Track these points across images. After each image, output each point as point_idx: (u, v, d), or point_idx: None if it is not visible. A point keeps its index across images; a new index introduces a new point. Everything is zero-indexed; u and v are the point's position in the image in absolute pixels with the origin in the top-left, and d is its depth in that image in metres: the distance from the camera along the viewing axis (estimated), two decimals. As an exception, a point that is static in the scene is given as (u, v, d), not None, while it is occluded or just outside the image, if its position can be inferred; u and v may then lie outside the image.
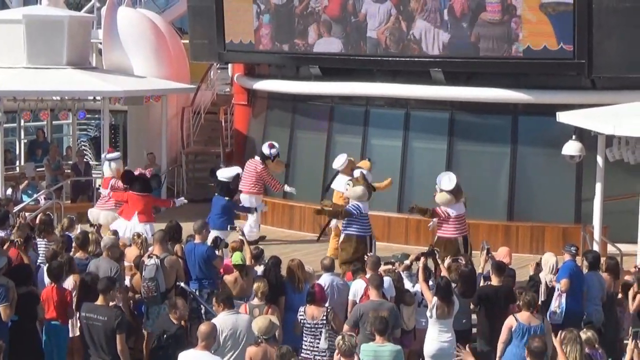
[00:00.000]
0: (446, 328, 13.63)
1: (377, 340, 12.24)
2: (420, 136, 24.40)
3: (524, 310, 13.14)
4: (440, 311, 13.56)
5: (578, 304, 14.76)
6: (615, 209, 20.58)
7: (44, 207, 23.19)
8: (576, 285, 14.86)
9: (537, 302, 13.52)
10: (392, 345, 12.35)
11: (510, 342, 13.08)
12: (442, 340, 13.59)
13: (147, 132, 29.07)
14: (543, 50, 21.82)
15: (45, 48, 26.41)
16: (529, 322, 13.05)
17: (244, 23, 26.39)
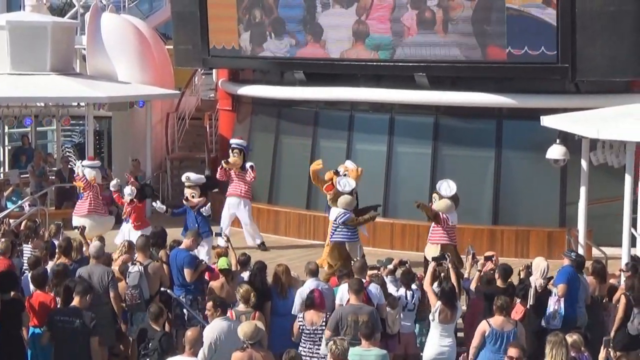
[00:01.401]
0: (447, 333, 13.65)
1: (363, 344, 12.24)
2: (405, 141, 24.42)
3: (497, 315, 13.13)
4: (443, 315, 13.57)
5: (574, 310, 14.76)
6: (599, 212, 20.65)
7: (29, 214, 23.13)
8: (573, 291, 14.85)
9: (510, 307, 13.49)
10: (378, 349, 12.35)
11: (483, 347, 13.07)
12: (442, 344, 13.61)
13: (131, 138, 29.01)
14: (528, 54, 21.87)
15: (29, 54, 26.36)
16: (502, 327, 13.03)
17: (228, 28, 26.38)
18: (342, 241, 19.08)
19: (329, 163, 22.35)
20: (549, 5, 21.24)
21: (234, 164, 22.78)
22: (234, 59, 27.08)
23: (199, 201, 20.22)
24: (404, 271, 15.28)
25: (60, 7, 41.35)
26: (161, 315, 12.71)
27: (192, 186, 20.42)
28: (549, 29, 21.40)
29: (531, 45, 21.73)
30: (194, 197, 20.25)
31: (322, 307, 13.66)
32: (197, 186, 20.42)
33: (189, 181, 20.54)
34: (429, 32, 22.97)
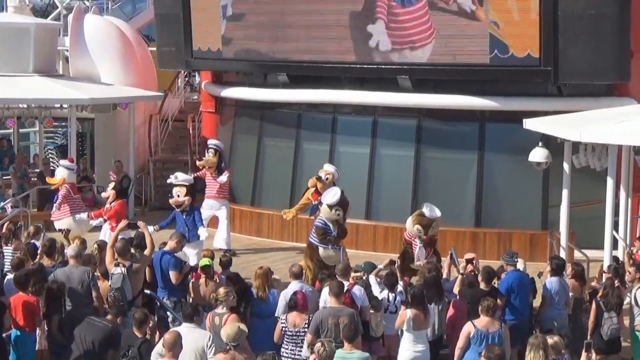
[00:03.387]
0: (421, 339, 13.65)
1: (346, 347, 12.26)
2: (388, 143, 24.46)
3: (483, 316, 13.16)
4: (417, 322, 13.56)
5: (522, 314, 14.82)
6: (581, 215, 20.72)
7: (11, 216, 23.06)
8: (521, 295, 14.93)
9: (496, 307, 13.54)
10: (361, 352, 12.37)
11: (467, 349, 13.10)
12: (416, 350, 13.61)
13: (114, 140, 28.99)
14: (510, 57, 21.95)
15: (12, 55, 26.33)
16: (487, 328, 13.07)
17: (212, 31, 26.38)
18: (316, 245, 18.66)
19: (312, 166, 22.46)
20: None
21: (206, 162, 22.82)
22: (217, 61, 27.07)
23: (184, 200, 20.08)
24: (387, 273, 15.32)
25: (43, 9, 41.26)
26: (145, 321, 12.69)
27: (179, 185, 20.23)
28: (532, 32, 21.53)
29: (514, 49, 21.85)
30: (179, 196, 20.07)
31: (305, 309, 13.69)
32: (183, 186, 20.26)
33: (177, 180, 20.38)
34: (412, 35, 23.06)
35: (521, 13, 21.63)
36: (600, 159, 19.82)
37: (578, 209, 20.49)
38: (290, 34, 24.83)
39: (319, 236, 18.25)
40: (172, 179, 20.57)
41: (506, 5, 21.74)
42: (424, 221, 17.82)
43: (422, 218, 17.88)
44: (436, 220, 17.95)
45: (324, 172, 20.86)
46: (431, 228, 17.82)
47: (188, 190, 20.20)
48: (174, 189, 20.21)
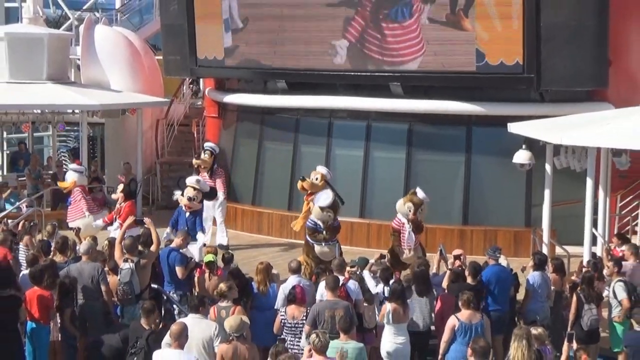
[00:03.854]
0: (401, 331, 13.66)
1: (342, 337, 12.27)
2: (381, 146, 24.45)
3: (464, 309, 13.17)
4: (396, 315, 13.58)
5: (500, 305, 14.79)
6: (562, 213, 20.73)
7: (25, 214, 23.06)
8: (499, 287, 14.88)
9: (476, 300, 13.53)
10: (355, 342, 12.39)
11: (453, 341, 13.11)
12: (397, 342, 13.63)
13: (123, 143, 29.00)
14: (495, 65, 21.96)
15: (26, 64, 26.31)
16: (470, 320, 13.09)
17: (214, 41, 26.38)
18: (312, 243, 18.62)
19: (310, 167, 22.41)
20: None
21: (202, 162, 22.87)
22: (219, 69, 27.08)
23: (198, 205, 19.88)
24: (382, 268, 15.32)
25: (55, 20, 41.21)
26: (153, 311, 12.70)
27: (197, 189, 20.05)
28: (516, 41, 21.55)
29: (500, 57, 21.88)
30: (194, 200, 19.80)
31: (303, 302, 13.71)
32: (200, 192, 20.08)
33: (198, 184, 20.22)
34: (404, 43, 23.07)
35: (505, 23, 21.65)
36: (580, 160, 19.85)
37: (559, 207, 20.51)
38: (289, 44, 24.82)
39: (310, 235, 18.34)
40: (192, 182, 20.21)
41: (490, 17, 21.78)
42: (415, 199, 18.24)
43: (414, 197, 18.34)
44: (424, 204, 18.30)
45: (315, 173, 20.94)
46: (420, 210, 18.13)
47: (203, 197, 20.14)
48: (190, 191, 19.75)
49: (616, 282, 14.88)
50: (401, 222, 18.38)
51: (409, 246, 18.18)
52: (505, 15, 21.60)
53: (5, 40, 26.32)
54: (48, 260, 14.88)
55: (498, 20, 21.72)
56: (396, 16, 23.00)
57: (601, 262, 16.31)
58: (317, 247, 18.33)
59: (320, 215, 18.30)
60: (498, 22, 21.73)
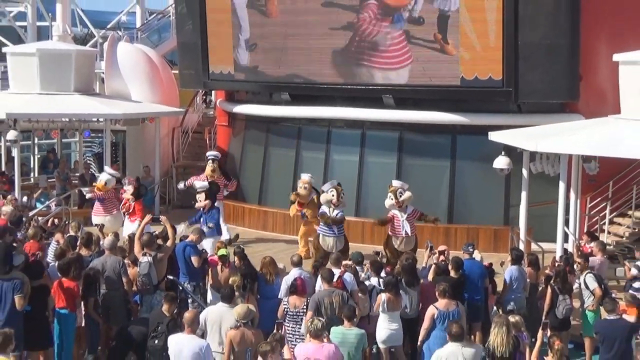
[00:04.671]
0: (394, 318, 13.64)
1: (346, 324, 12.27)
2: (374, 152, 24.46)
3: (441, 298, 13.14)
4: (391, 304, 13.58)
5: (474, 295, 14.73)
6: (537, 213, 20.70)
7: (54, 213, 23.06)
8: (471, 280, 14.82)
9: (451, 290, 13.51)
10: (358, 329, 12.40)
11: (433, 329, 13.09)
12: (391, 328, 13.62)
13: (143, 149, 29.00)
14: (477, 80, 21.96)
15: (56, 77, 26.29)
16: (447, 308, 13.07)
17: (225, 57, 26.41)
18: (318, 233, 19.65)
19: (310, 171, 22.52)
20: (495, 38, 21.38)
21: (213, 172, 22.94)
22: (229, 82, 27.11)
23: (205, 203, 20.23)
24: (372, 261, 15.31)
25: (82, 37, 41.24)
26: (174, 301, 12.73)
27: (200, 192, 20.55)
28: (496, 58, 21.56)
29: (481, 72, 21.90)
30: (200, 200, 20.30)
31: (303, 292, 13.69)
32: (203, 192, 20.47)
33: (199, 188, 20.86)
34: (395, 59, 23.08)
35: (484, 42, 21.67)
36: (554, 166, 19.83)
37: (535, 208, 20.48)
38: (292, 60, 24.85)
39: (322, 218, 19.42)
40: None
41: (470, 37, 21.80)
42: (392, 189, 19.08)
43: (390, 187, 19.19)
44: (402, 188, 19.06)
45: (301, 182, 21.54)
46: (399, 193, 18.88)
47: (206, 194, 20.39)
48: (197, 195, 20.52)
49: (587, 274, 14.88)
50: (392, 214, 18.93)
51: (399, 234, 18.69)
52: (484, 34, 21.63)
53: (37, 56, 26.33)
54: (75, 254, 14.87)
55: (477, 40, 21.74)
56: (389, 37, 23.03)
57: (572, 258, 16.29)
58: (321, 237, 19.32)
59: (326, 197, 19.36)
60: (477, 42, 21.76)
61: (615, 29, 21.59)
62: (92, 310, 14.06)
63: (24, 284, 12.93)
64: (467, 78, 22.06)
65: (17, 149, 25.39)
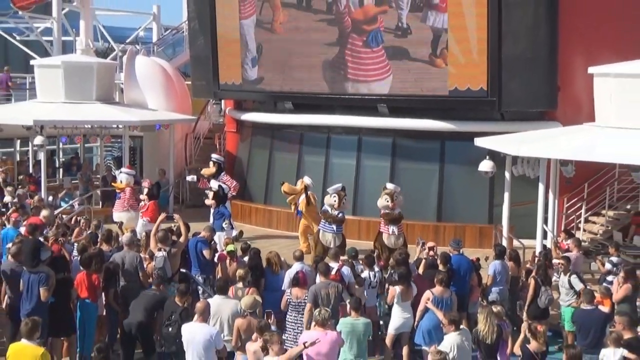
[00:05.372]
0: (407, 308, 13.61)
1: (353, 315, 12.25)
2: (370, 157, 24.45)
3: (438, 285, 13.19)
4: (405, 295, 13.56)
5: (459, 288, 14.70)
6: (519, 212, 20.70)
7: (78, 211, 23.05)
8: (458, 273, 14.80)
9: (449, 280, 13.53)
10: (364, 319, 12.40)
11: (427, 311, 13.12)
12: (403, 317, 13.58)
13: (158, 153, 28.97)
14: (465, 90, 21.97)
15: (79, 87, 26.29)
16: (442, 295, 13.13)
17: (234, 69, 26.43)
18: (319, 229, 19.72)
19: (311, 174, 22.57)
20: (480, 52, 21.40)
21: (207, 172, 22.83)
22: (238, 92, 27.12)
23: (212, 202, 20.37)
24: (365, 255, 15.30)
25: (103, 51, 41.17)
26: (186, 293, 12.73)
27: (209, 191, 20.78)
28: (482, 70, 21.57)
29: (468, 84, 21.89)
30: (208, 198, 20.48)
31: (305, 284, 13.68)
32: (212, 191, 20.65)
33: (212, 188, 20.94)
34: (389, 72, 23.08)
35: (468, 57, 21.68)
36: (534, 169, 19.88)
37: (516, 207, 20.49)
38: (294, 72, 24.87)
39: (324, 216, 19.42)
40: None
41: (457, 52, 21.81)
42: (387, 191, 19.03)
43: (386, 190, 19.10)
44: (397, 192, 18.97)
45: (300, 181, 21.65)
46: (395, 197, 18.85)
47: (214, 194, 20.50)
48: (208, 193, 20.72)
49: (572, 275, 14.77)
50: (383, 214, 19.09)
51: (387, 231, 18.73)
52: (468, 50, 21.66)
53: (62, 68, 26.33)
54: (96, 249, 14.88)
55: (462, 55, 21.76)
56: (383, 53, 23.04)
57: (550, 253, 16.31)
58: (321, 233, 19.31)
59: (328, 199, 19.36)
60: (462, 57, 21.77)
61: (590, 44, 21.58)
62: (112, 300, 14.07)
63: (49, 277, 12.95)
64: (454, 89, 22.06)
65: (44, 153, 25.40)
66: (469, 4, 21.31)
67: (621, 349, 11.31)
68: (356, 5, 23.15)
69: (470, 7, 21.29)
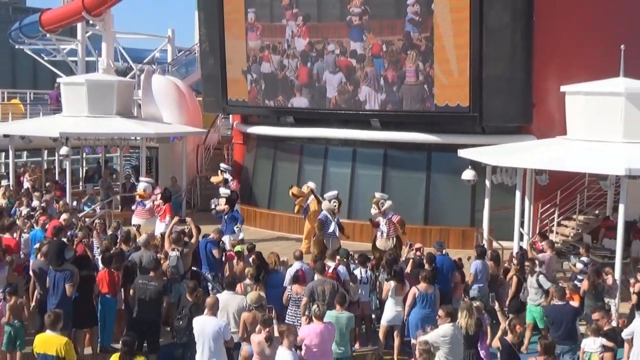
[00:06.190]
0: (399, 302, 13.59)
1: (338, 309, 12.23)
2: (364, 166, 24.48)
3: (423, 282, 13.17)
4: (398, 290, 13.57)
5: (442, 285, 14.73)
6: (498, 217, 20.70)
7: (99, 215, 23.05)
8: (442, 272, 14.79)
9: (433, 278, 13.52)
10: (348, 312, 12.36)
11: (414, 306, 13.13)
12: (396, 309, 13.58)
13: (172, 162, 28.99)
14: (449, 106, 22.01)
15: (101, 103, 26.32)
16: (426, 290, 13.10)
17: (240, 87, 26.46)
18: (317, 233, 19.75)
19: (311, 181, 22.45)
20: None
21: (216, 180, 22.73)
22: (244, 108, 27.15)
23: (224, 208, 20.28)
24: (359, 255, 15.29)
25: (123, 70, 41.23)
26: (195, 289, 12.71)
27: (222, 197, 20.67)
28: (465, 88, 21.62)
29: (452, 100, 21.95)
30: (221, 204, 20.38)
31: (304, 281, 13.66)
32: (224, 197, 20.58)
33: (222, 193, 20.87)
34: (380, 90, 23.11)
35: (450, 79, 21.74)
36: (511, 177, 19.85)
37: (495, 212, 20.51)
38: (295, 89, 24.90)
39: (319, 227, 19.06)
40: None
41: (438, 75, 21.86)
42: (374, 200, 18.93)
43: (373, 198, 19.04)
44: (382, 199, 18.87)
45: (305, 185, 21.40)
46: (381, 203, 18.73)
47: (227, 200, 20.40)
48: (220, 199, 20.56)
49: (539, 275, 14.67)
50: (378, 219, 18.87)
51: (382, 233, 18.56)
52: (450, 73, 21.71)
53: (85, 85, 26.37)
54: (116, 249, 14.88)
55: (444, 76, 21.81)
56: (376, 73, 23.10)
57: (526, 253, 16.30)
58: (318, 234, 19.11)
59: (328, 206, 18.96)
60: (445, 79, 21.83)
61: (562, 65, 21.66)
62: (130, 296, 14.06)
63: (74, 274, 12.95)
64: (440, 105, 22.11)
65: (69, 162, 25.42)
66: (449, 36, 21.47)
67: (600, 338, 11.73)
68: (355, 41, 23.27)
69: (450, 39, 21.54)
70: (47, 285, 13.12)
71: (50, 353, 10.43)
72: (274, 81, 25.42)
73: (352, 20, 23.15)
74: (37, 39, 38.68)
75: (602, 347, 11.68)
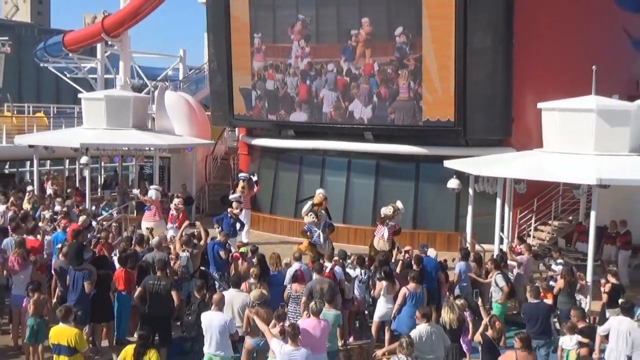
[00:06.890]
0: (390, 301, 13.58)
1: (327, 306, 12.23)
2: (358, 176, 24.50)
3: (411, 282, 13.11)
4: (389, 289, 13.58)
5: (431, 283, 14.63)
6: (480, 222, 20.68)
7: (116, 219, 23.05)
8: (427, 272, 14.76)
9: (421, 277, 13.53)
10: (335, 310, 12.30)
11: (404, 305, 13.12)
12: (387, 307, 13.56)
13: (183, 171, 29.00)
14: (436, 121, 22.07)
15: (118, 116, 26.32)
16: (415, 290, 13.06)
17: (246, 102, 26.50)
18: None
19: (309, 190, 22.50)
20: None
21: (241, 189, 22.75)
22: (248, 122, 27.18)
23: (238, 212, 20.18)
24: (357, 256, 15.28)
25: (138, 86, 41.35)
26: (203, 288, 12.71)
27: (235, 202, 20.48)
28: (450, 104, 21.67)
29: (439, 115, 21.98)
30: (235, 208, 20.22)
31: (303, 280, 13.67)
32: (238, 202, 20.46)
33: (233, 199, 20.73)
34: (373, 105, 23.16)
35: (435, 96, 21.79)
36: (492, 186, 19.86)
37: (478, 218, 20.50)
38: (295, 105, 24.95)
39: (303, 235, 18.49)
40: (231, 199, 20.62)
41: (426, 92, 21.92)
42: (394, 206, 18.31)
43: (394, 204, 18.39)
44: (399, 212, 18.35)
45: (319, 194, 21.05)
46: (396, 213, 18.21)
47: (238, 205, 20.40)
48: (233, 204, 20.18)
49: (497, 275, 14.64)
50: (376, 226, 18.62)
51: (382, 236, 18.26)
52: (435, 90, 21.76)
53: (104, 100, 26.38)
54: (132, 250, 14.88)
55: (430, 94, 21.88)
56: (369, 92, 23.15)
57: (506, 256, 16.32)
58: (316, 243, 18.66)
59: (308, 220, 18.44)
60: (431, 96, 21.89)
61: (539, 84, 21.72)
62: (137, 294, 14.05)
63: (92, 273, 12.96)
64: (428, 120, 22.16)
65: (88, 170, 25.42)
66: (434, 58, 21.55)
67: (576, 335, 11.71)
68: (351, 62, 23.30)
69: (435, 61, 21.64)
70: (67, 283, 13.14)
71: (63, 343, 10.48)
72: (275, 98, 25.48)
73: (349, 42, 23.21)
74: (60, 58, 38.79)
75: (578, 343, 11.66)
